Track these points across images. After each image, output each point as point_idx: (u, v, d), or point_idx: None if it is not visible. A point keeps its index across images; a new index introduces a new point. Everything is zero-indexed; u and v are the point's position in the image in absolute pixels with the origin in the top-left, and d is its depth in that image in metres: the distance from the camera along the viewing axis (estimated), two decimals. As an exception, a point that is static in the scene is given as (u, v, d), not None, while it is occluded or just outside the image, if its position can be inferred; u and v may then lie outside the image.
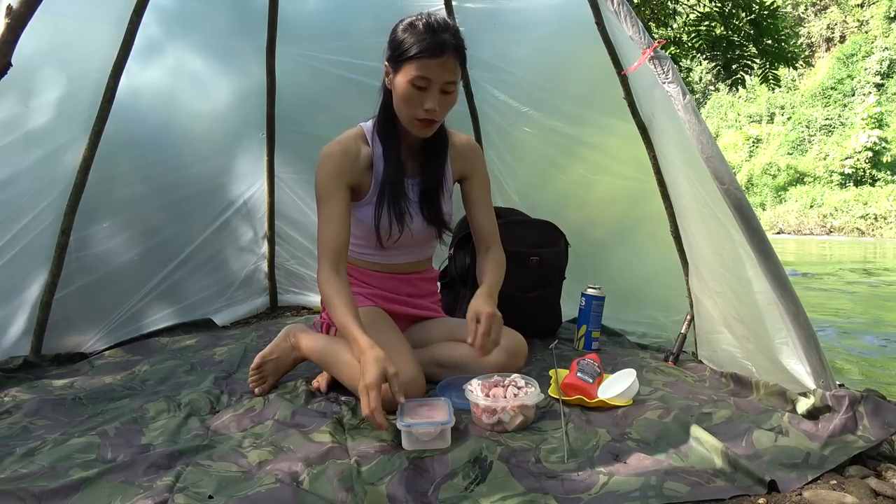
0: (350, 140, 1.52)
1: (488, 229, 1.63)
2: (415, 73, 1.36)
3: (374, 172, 1.53)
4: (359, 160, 1.51)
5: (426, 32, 1.35)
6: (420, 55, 1.35)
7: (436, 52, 1.35)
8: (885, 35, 29.59)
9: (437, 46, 1.35)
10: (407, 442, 1.17)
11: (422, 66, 1.36)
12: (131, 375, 1.77)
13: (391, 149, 1.51)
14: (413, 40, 1.35)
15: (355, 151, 1.51)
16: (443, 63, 1.36)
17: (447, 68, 1.37)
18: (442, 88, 1.39)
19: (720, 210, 1.40)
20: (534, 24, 2.28)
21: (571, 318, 2.26)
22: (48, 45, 1.81)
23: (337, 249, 1.44)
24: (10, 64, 1.24)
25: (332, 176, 1.47)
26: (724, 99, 35.45)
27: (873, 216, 22.68)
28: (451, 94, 1.42)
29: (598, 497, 0.99)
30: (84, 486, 1.01)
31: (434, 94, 1.38)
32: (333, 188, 1.47)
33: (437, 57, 1.35)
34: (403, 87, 1.39)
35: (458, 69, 1.41)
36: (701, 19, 5.80)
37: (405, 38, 1.37)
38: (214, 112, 2.57)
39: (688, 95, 1.41)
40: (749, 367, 1.54)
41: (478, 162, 1.66)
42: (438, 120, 1.44)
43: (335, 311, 1.36)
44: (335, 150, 1.49)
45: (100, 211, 2.10)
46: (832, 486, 1.03)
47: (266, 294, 2.88)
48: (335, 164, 1.47)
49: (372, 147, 1.53)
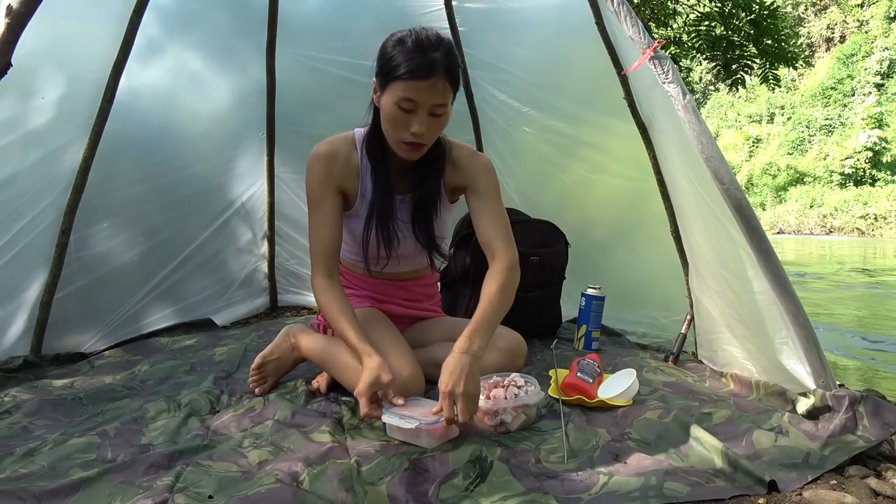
0: (340, 143, 1.48)
1: (489, 237, 1.45)
2: (401, 95, 1.28)
3: (362, 185, 1.48)
4: (348, 165, 1.47)
5: (415, 51, 1.26)
6: (407, 76, 1.26)
7: (423, 73, 1.26)
8: (885, 35, 29.62)
9: (425, 67, 1.25)
10: (391, 431, 1.23)
11: (408, 88, 1.27)
12: (131, 375, 1.77)
13: (380, 169, 1.45)
14: (401, 59, 1.26)
15: (345, 156, 1.47)
16: (430, 85, 1.27)
17: (435, 90, 1.28)
18: (430, 111, 1.30)
19: (720, 210, 1.40)
20: (534, 24, 2.29)
21: (571, 318, 2.26)
22: (48, 45, 1.81)
23: (329, 255, 1.43)
24: (10, 64, 1.24)
25: (321, 180, 1.44)
26: (724, 99, 35.48)
27: (873, 216, 22.71)
28: (440, 118, 1.33)
29: (598, 497, 0.99)
30: (84, 486, 1.01)
31: (421, 116, 1.29)
32: (322, 193, 1.44)
33: (425, 79, 1.26)
34: (389, 108, 1.31)
35: (449, 91, 1.31)
36: (701, 19, 5.80)
37: (393, 55, 1.28)
38: (214, 112, 2.57)
39: (688, 95, 1.41)
40: (749, 367, 1.54)
41: (479, 173, 1.51)
42: (426, 144, 1.36)
43: (332, 321, 1.37)
44: (323, 151, 1.45)
45: (100, 211, 2.10)
46: (832, 486, 1.03)
47: (266, 294, 2.88)
48: (323, 168, 1.44)
49: (360, 158, 1.48)
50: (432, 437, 1.17)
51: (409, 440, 1.19)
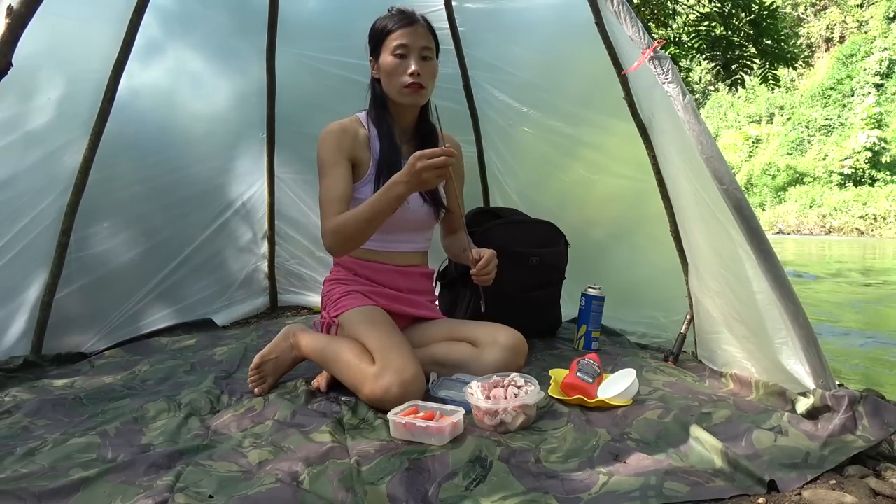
0: (347, 121, 1.64)
1: (456, 215, 1.74)
2: (394, 44, 1.55)
3: (372, 150, 1.63)
4: (357, 137, 1.62)
5: (398, 14, 1.58)
6: (395, 28, 1.55)
7: (408, 21, 1.56)
8: (885, 35, 29.63)
9: (408, 17, 1.57)
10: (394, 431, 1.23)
11: (398, 36, 1.55)
12: (131, 375, 1.77)
13: (384, 129, 1.62)
14: (386, 22, 1.58)
15: (353, 130, 1.62)
16: (415, 30, 1.56)
17: (419, 34, 1.56)
18: (420, 54, 1.56)
19: (720, 210, 1.40)
20: (534, 24, 2.28)
21: (571, 318, 2.26)
22: (48, 45, 1.81)
23: (342, 201, 1.52)
24: (10, 64, 1.24)
25: (334, 148, 1.57)
26: (724, 99, 35.47)
27: (872, 216, 22.70)
28: (430, 62, 1.59)
29: (598, 497, 0.99)
30: (84, 485, 1.01)
31: (415, 58, 1.55)
32: (335, 158, 1.56)
33: (410, 25, 1.56)
34: (387, 61, 1.56)
35: (431, 40, 1.59)
36: (701, 19, 5.80)
37: (379, 24, 1.59)
38: (214, 112, 2.57)
39: (688, 95, 1.41)
40: (749, 367, 1.54)
41: (460, 158, 1.79)
42: (425, 85, 1.58)
43: (357, 214, 1.43)
44: (334, 127, 1.61)
45: (100, 211, 2.10)
46: (832, 486, 1.03)
47: (266, 294, 2.88)
48: (336, 137, 1.58)
49: (368, 129, 1.64)
50: (441, 435, 1.17)
51: (416, 439, 1.19)
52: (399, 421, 1.21)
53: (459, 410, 1.25)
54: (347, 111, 1.69)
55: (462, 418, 1.24)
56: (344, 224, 1.45)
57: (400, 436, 1.22)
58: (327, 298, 1.69)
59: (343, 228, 1.46)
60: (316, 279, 2.89)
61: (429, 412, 1.25)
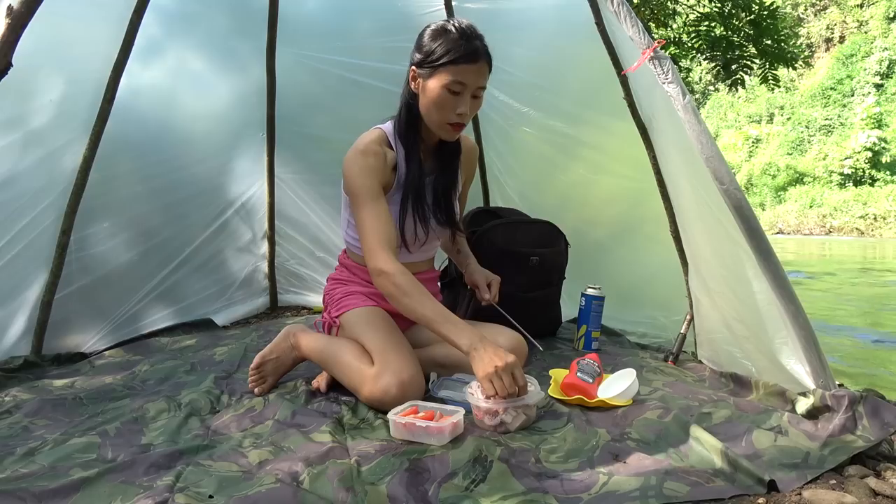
0: (377, 143, 1.51)
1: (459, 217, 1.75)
2: (451, 79, 1.39)
3: (398, 174, 1.54)
4: (386, 159, 1.51)
5: (461, 39, 1.39)
6: (457, 61, 1.38)
7: (472, 58, 1.39)
8: (885, 35, 29.63)
9: (474, 52, 1.39)
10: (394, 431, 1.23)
11: (458, 72, 1.39)
12: (131, 375, 1.77)
13: (413, 152, 1.53)
14: (449, 46, 1.38)
15: (383, 153, 1.51)
16: (478, 69, 1.41)
17: (481, 74, 1.42)
18: (473, 93, 1.43)
19: (720, 210, 1.40)
20: (534, 25, 2.29)
21: (571, 318, 2.26)
22: (48, 45, 1.81)
23: (392, 241, 1.42)
24: (10, 64, 1.24)
25: (367, 173, 1.45)
26: (724, 99, 35.46)
27: (873, 216, 22.69)
28: (479, 99, 1.47)
29: (598, 497, 0.99)
30: (84, 485, 1.01)
31: (467, 98, 1.42)
32: (371, 184, 1.45)
33: (474, 63, 1.40)
34: (437, 92, 1.41)
35: (488, 74, 1.45)
36: (701, 19, 5.80)
37: (439, 42, 1.39)
38: (214, 112, 2.57)
39: (688, 95, 1.41)
40: (749, 367, 1.54)
41: (475, 162, 1.77)
42: (466, 124, 1.49)
43: (413, 302, 1.33)
44: (362, 149, 1.48)
45: (100, 211, 2.10)
46: (832, 486, 1.03)
47: (266, 294, 2.88)
48: (367, 162, 1.46)
49: (395, 150, 1.54)
50: (441, 435, 1.17)
51: (416, 439, 1.19)
52: (399, 421, 1.21)
53: (459, 410, 1.25)
54: (347, 111, 1.68)
55: (462, 418, 1.24)
56: (397, 291, 1.35)
57: (400, 436, 1.22)
58: (329, 298, 1.69)
59: (394, 293, 1.36)
60: (316, 279, 2.89)
61: (429, 412, 1.25)
